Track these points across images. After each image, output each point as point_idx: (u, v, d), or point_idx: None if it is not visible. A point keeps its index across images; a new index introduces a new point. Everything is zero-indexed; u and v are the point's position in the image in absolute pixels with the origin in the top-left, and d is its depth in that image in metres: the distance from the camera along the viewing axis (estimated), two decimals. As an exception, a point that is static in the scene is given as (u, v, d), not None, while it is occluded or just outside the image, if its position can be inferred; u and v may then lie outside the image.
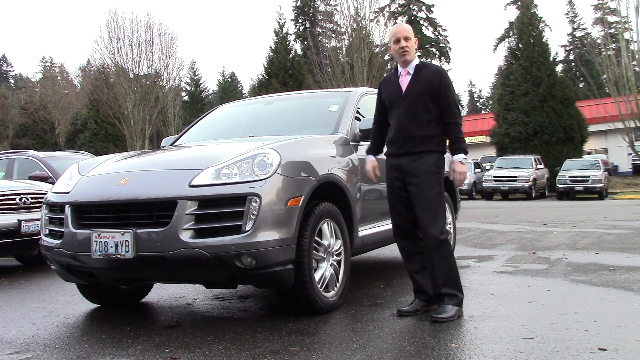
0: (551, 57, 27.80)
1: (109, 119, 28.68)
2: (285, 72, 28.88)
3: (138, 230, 3.29)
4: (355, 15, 27.56)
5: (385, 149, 3.87)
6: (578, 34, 53.99)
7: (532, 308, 3.79)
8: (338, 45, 30.99)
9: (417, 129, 3.63)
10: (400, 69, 3.77)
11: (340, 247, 3.90)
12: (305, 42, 39.89)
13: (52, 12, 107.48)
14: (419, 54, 49.76)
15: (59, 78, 50.17)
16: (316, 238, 3.66)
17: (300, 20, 50.98)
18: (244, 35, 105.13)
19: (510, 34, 42.54)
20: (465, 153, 3.66)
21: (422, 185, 3.59)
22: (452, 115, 3.64)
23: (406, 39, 3.70)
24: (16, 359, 3.01)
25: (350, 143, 4.38)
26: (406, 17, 49.54)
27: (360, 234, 4.27)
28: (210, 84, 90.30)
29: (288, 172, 3.49)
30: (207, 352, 2.98)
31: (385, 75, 3.98)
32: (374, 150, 3.99)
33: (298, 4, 50.88)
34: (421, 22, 50.40)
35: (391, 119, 3.76)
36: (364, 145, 4.51)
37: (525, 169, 22.55)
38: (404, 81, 3.71)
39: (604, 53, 27.05)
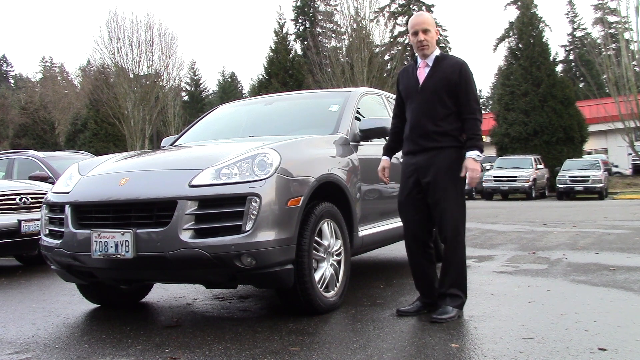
0: (551, 57, 27.81)
1: (109, 119, 28.69)
2: (285, 72, 28.89)
3: (138, 230, 3.29)
4: (355, 15, 27.58)
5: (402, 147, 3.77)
6: (578, 34, 54.00)
7: (532, 308, 3.79)
8: (338, 45, 31.01)
9: (433, 124, 3.51)
10: (419, 59, 3.66)
11: (340, 247, 3.89)
12: (305, 42, 39.89)
13: (52, 12, 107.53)
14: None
15: (59, 78, 50.22)
16: (316, 238, 3.65)
17: (300, 20, 50.99)
18: (244, 35, 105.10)
19: (510, 34, 42.51)
20: (481, 151, 3.50)
21: (440, 184, 3.50)
22: (470, 111, 3.50)
23: (425, 31, 3.58)
24: (16, 359, 3.01)
25: (350, 143, 4.37)
26: (406, 17, 49.53)
27: (360, 234, 4.27)
28: (210, 84, 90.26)
29: (288, 172, 3.49)
30: (207, 352, 2.98)
31: (403, 66, 3.83)
32: (389, 150, 3.88)
33: (298, 4, 50.88)
34: (421, 22, 50.32)
35: (407, 113, 3.67)
36: (364, 145, 4.51)
37: (525, 169, 22.55)
38: (422, 73, 3.61)
39: (604, 53, 27.08)
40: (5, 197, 6.03)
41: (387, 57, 30.19)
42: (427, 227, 3.68)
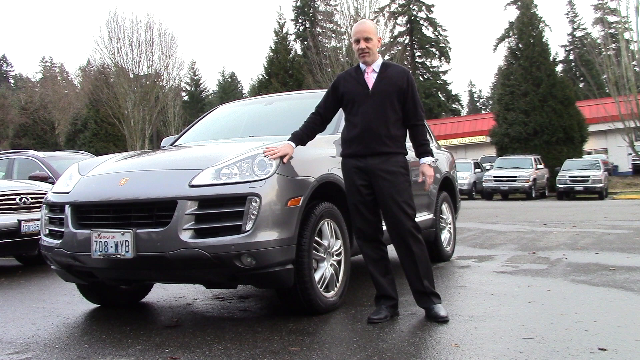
0: (551, 57, 27.82)
1: (109, 119, 28.66)
2: (285, 72, 28.85)
3: (138, 230, 3.29)
4: (355, 15, 27.55)
5: (343, 149, 3.72)
6: (578, 34, 53.97)
7: (532, 308, 3.79)
8: (338, 45, 30.98)
9: (385, 128, 3.55)
10: (363, 66, 3.69)
11: (340, 247, 3.90)
12: (305, 42, 39.91)
13: (52, 12, 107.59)
14: (419, 53, 50.04)
15: (59, 78, 50.17)
16: (316, 238, 3.66)
17: (300, 20, 51.02)
18: (244, 35, 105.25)
19: (510, 34, 42.51)
20: (432, 155, 3.67)
21: (394, 187, 3.51)
22: (418, 117, 3.64)
23: (366, 39, 3.61)
24: (16, 359, 3.01)
25: (350, 143, 4.36)
26: (406, 17, 49.56)
27: (360, 234, 4.26)
28: (210, 84, 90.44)
29: (288, 172, 3.49)
30: (207, 352, 2.98)
31: (343, 71, 3.88)
32: (297, 138, 3.67)
33: (298, 4, 50.90)
34: (421, 22, 50.44)
35: (353, 116, 3.64)
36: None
37: (525, 169, 22.57)
38: (370, 78, 3.63)
39: (604, 53, 27.03)
40: (5, 197, 6.03)
41: (387, 57, 30.16)
42: (380, 227, 3.70)
